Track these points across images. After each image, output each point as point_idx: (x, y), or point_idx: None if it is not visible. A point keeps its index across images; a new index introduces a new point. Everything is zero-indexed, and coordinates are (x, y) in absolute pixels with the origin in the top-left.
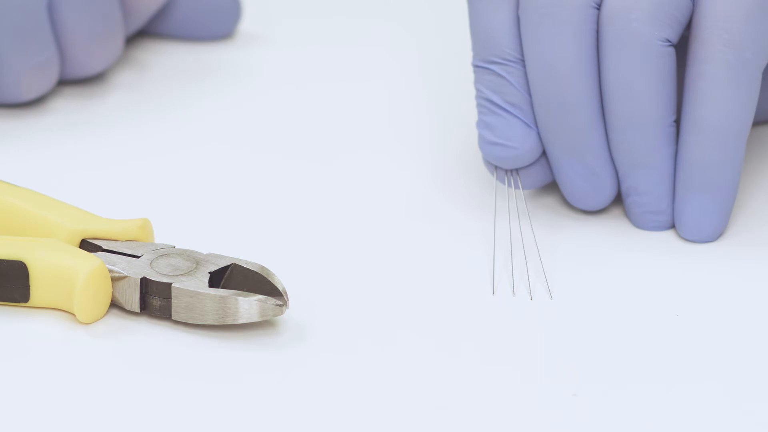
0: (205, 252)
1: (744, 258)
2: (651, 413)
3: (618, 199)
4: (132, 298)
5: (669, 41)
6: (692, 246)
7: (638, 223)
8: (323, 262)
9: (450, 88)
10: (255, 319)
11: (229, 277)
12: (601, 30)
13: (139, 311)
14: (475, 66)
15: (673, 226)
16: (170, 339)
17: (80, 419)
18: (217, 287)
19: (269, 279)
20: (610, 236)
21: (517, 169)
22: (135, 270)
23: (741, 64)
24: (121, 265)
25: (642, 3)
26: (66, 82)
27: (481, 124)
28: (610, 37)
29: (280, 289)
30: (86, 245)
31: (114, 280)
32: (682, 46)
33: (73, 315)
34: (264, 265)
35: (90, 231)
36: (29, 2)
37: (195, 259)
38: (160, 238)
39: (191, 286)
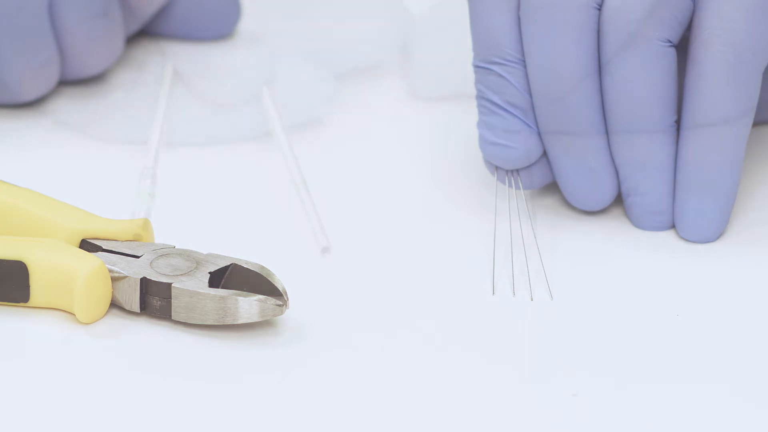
0: (205, 252)
1: (744, 258)
2: (651, 413)
3: (618, 199)
4: (132, 298)
5: (669, 41)
6: (692, 246)
7: (638, 223)
8: (323, 262)
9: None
10: (255, 319)
11: (229, 277)
12: (601, 30)
13: (139, 311)
14: (476, 66)
15: (673, 226)
16: (170, 339)
17: (80, 419)
18: (217, 287)
19: (269, 279)
20: (610, 236)
21: (517, 169)
22: (135, 270)
23: (741, 64)
24: (121, 265)
25: (643, 3)
26: (66, 82)
27: (482, 124)
28: (611, 38)
29: (280, 289)
30: (86, 245)
31: (114, 280)
32: (682, 46)
33: (73, 315)
34: (264, 265)
35: (90, 231)
36: (29, 2)
37: (195, 259)
38: (160, 238)
39: (191, 286)
